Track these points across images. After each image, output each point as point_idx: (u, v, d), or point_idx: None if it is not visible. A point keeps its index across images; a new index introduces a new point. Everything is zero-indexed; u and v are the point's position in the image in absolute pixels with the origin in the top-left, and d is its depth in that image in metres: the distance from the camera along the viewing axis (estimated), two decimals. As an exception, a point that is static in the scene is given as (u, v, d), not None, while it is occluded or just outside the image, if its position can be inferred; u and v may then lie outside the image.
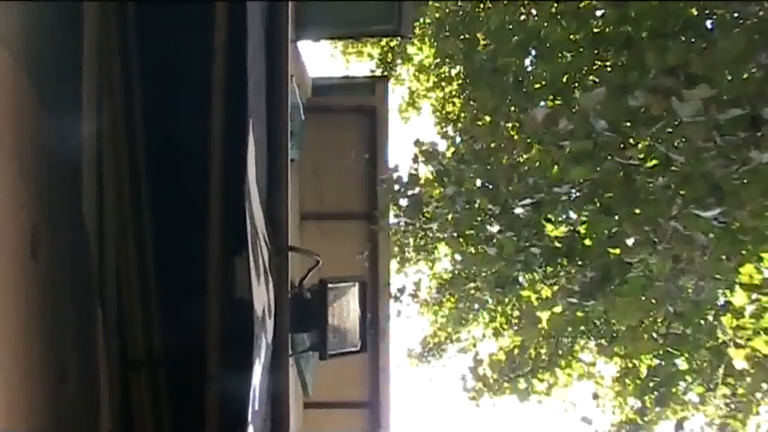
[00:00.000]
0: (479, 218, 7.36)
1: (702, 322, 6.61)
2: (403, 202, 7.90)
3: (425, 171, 8.36)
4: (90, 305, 2.97)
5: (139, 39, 2.87)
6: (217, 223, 2.90)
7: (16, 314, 2.54)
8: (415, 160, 8.09)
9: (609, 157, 5.40)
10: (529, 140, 6.66)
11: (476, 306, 10.91)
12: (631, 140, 5.66)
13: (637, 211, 5.72)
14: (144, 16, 2.88)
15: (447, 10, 10.46)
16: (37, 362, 2.69)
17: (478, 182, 7.08)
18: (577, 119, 5.29)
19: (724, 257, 5.79)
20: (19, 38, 2.64)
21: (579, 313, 7.07)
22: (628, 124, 5.36)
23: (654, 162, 5.61)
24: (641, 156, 5.54)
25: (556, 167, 5.89)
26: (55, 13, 2.84)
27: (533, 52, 7.87)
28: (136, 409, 3.01)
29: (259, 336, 2.93)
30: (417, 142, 7.94)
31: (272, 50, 3.42)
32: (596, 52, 7.33)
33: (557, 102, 7.45)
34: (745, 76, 5.14)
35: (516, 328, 10.91)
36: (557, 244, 7.03)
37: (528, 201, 6.43)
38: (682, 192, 5.26)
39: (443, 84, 13.88)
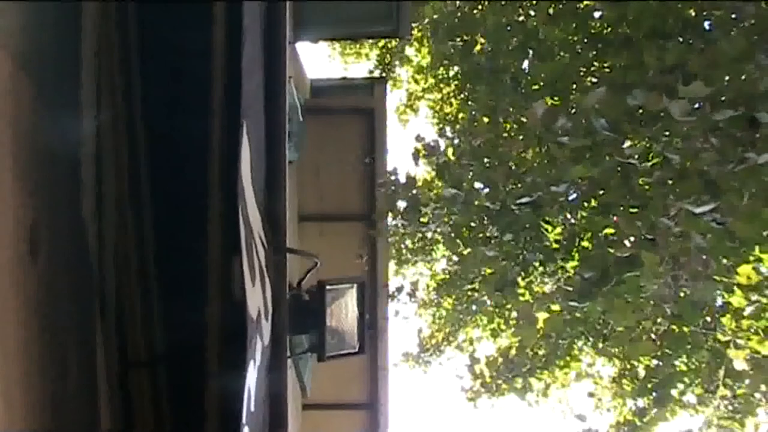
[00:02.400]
0: (477, 219, 7.36)
1: (700, 322, 6.61)
2: (401, 204, 7.90)
3: (423, 171, 8.36)
4: (89, 304, 2.97)
5: (137, 38, 2.87)
6: (210, 224, 2.90)
7: (14, 313, 2.54)
8: (416, 155, 8.09)
9: (608, 157, 5.41)
10: (526, 139, 6.67)
11: (474, 307, 10.91)
12: (629, 140, 5.66)
13: (634, 210, 5.73)
14: (143, 15, 2.88)
15: (445, 11, 10.45)
16: (36, 361, 2.69)
17: (477, 184, 7.08)
18: (575, 117, 5.30)
19: (721, 258, 5.79)
20: (18, 37, 2.64)
21: (577, 314, 7.07)
22: (627, 123, 5.37)
23: (653, 161, 5.61)
24: (639, 155, 5.55)
25: (555, 166, 5.89)
26: (54, 11, 2.84)
27: (531, 53, 7.88)
28: (136, 408, 3.01)
29: (253, 337, 2.93)
30: (418, 138, 7.95)
31: (270, 51, 3.42)
32: (594, 53, 7.33)
33: (555, 102, 7.46)
34: (743, 77, 5.14)
35: (514, 329, 10.91)
36: (555, 245, 7.04)
37: (526, 200, 6.43)
38: (677, 189, 5.27)
39: (441, 85, 13.88)
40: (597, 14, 7.46)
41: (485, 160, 7.30)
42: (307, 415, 9.05)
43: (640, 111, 5.38)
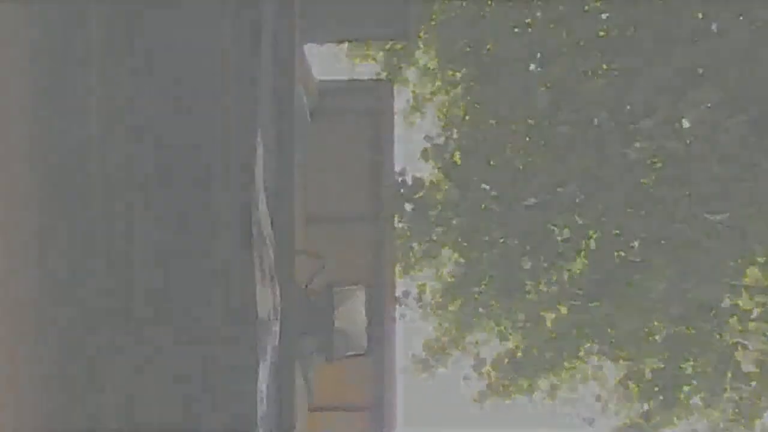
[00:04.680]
0: (484, 221, 7.36)
1: (707, 325, 6.59)
2: (408, 206, 7.91)
3: (430, 174, 8.35)
4: (94, 304, 2.98)
5: (147, 40, 2.88)
6: (222, 226, 2.91)
7: (23, 316, 2.55)
8: (424, 154, 8.10)
9: (617, 156, 5.40)
10: (530, 138, 6.66)
11: (481, 310, 10.87)
12: (636, 141, 5.65)
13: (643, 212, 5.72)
14: (152, 18, 2.89)
15: (452, 14, 10.42)
16: (44, 362, 2.70)
17: (483, 185, 7.08)
18: (578, 110, 5.30)
19: (729, 260, 5.78)
20: (27, 39, 2.65)
21: (583, 316, 7.06)
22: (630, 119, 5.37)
23: (659, 161, 5.61)
24: (643, 153, 5.53)
25: (556, 160, 5.88)
26: (62, 13, 2.85)
27: (539, 55, 7.86)
28: (141, 409, 3.01)
29: (262, 338, 2.94)
30: (427, 137, 7.99)
31: (280, 53, 3.42)
32: (600, 55, 7.31)
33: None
34: (750, 78, 5.14)
35: (521, 331, 10.88)
36: (562, 247, 7.03)
37: (532, 201, 6.42)
38: (686, 191, 5.26)
39: (448, 87, 13.83)
40: (604, 16, 7.44)
41: (491, 162, 7.30)
42: (311, 417, 9.02)
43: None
